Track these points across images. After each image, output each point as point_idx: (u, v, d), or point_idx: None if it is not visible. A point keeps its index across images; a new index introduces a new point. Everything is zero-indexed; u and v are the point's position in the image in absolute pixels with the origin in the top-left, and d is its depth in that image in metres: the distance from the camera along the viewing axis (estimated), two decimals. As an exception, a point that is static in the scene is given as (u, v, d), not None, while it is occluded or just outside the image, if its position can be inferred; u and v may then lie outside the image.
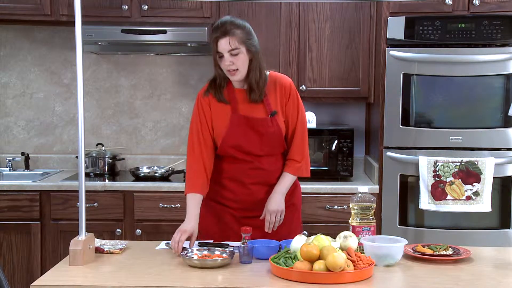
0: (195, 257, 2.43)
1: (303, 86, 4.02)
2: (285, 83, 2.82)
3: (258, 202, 2.83)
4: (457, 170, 3.64)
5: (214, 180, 2.86)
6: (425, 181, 3.65)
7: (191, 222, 2.68)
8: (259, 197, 2.84)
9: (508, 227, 3.72)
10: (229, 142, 2.79)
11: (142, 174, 4.07)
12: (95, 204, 3.81)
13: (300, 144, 2.85)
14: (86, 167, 4.16)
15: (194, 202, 2.75)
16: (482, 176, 3.63)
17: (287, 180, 2.85)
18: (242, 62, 2.71)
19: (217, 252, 2.48)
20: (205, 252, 2.48)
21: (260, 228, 2.81)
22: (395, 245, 2.42)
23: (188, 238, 2.63)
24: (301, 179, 2.99)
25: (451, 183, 3.64)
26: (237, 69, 2.71)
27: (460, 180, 3.64)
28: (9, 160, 4.35)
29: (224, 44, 2.68)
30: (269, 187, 2.85)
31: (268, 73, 2.84)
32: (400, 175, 3.74)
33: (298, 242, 2.36)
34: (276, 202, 2.79)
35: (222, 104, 2.80)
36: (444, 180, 3.64)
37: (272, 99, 2.80)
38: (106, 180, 4.04)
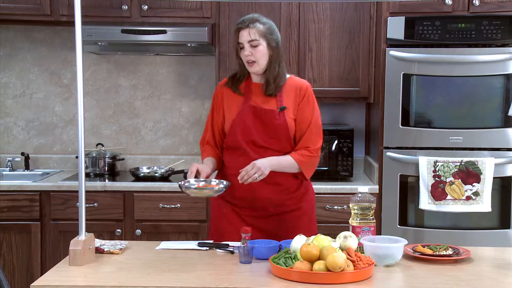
0: (193, 186, 2.65)
1: (303, 86, 4.01)
2: (301, 85, 2.87)
3: (260, 201, 2.81)
4: (457, 170, 3.64)
5: (222, 175, 2.92)
6: (425, 181, 3.65)
7: (203, 164, 2.85)
8: (261, 195, 2.83)
9: (508, 227, 3.72)
10: (234, 129, 2.85)
11: (142, 174, 4.07)
12: (95, 204, 3.81)
13: (315, 137, 2.84)
14: (86, 167, 4.16)
15: (208, 160, 2.89)
16: (482, 176, 3.63)
17: (285, 159, 2.80)
18: (261, 54, 2.79)
19: (213, 183, 2.69)
20: (202, 183, 2.68)
21: (262, 229, 2.81)
22: (395, 245, 2.42)
23: (198, 174, 2.76)
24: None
25: (451, 183, 3.64)
26: (255, 61, 2.80)
27: (460, 180, 3.64)
28: (9, 160, 4.35)
29: (244, 35, 2.79)
30: (273, 186, 2.82)
31: (288, 76, 2.89)
32: (400, 175, 3.74)
33: (298, 242, 2.36)
34: (264, 163, 2.71)
35: (236, 95, 2.88)
36: (444, 180, 3.64)
37: (285, 97, 2.84)
38: (106, 180, 4.04)
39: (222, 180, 2.73)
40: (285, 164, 2.80)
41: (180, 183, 2.69)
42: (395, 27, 3.69)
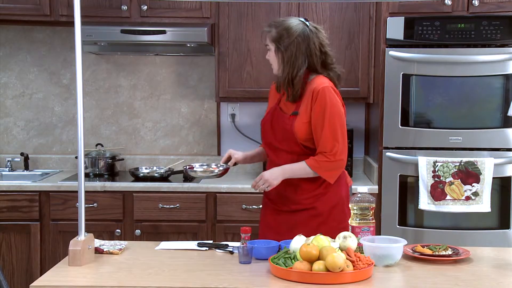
0: (198, 170, 3.08)
1: (303, 86, 4.01)
2: (315, 88, 2.82)
3: (280, 196, 2.92)
4: (456, 170, 3.64)
5: None
6: (425, 181, 3.65)
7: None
8: (280, 192, 2.90)
9: (508, 227, 3.72)
10: (261, 129, 3.04)
11: (142, 175, 4.07)
12: (95, 204, 3.81)
13: (330, 142, 2.79)
14: (86, 168, 4.16)
15: (256, 149, 3.13)
16: (481, 177, 3.63)
17: (298, 166, 2.84)
18: (272, 58, 2.91)
19: (213, 166, 3.07)
20: (204, 167, 3.10)
21: (286, 223, 2.89)
22: (394, 246, 2.42)
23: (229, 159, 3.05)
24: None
25: (451, 183, 3.64)
26: (272, 64, 2.93)
27: (459, 180, 3.64)
28: (8, 161, 4.35)
29: None
30: (292, 185, 2.88)
31: (313, 77, 2.87)
32: (400, 175, 3.74)
33: (298, 242, 2.36)
34: (272, 174, 2.85)
35: (277, 93, 3.00)
36: (443, 180, 3.64)
37: (303, 101, 2.85)
38: (106, 181, 4.04)
39: (223, 164, 3.04)
40: (298, 171, 2.84)
41: (184, 167, 3.10)
42: (395, 27, 3.69)
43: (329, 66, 2.91)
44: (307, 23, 2.89)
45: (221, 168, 3.02)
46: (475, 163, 3.64)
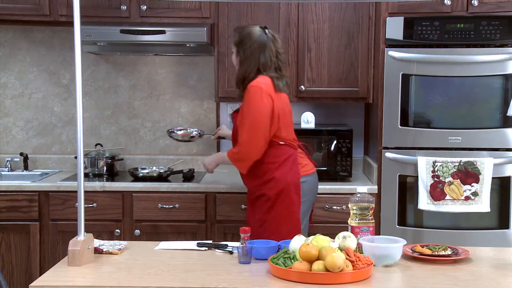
0: (177, 132, 3.90)
1: (302, 86, 4.02)
2: (248, 86, 3.15)
3: (246, 186, 3.34)
4: (456, 170, 3.64)
5: None
6: (424, 181, 3.65)
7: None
8: (244, 181, 3.33)
9: (507, 227, 3.72)
10: None
11: (141, 175, 4.07)
12: (94, 204, 3.81)
13: (242, 131, 3.13)
14: (85, 168, 4.15)
15: None
16: (481, 177, 3.63)
17: (224, 153, 3.34)
18: (234, 60, 3.31)
19: (190, 130, 3.90)
20: (184, 131, 3.89)
21: (250, 210, 3.28)
22: (394, 246, 2.42)
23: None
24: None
25: (450, 183, 3.64)
26: (234, 65, 3.31)
27: (459, 180, 3.64)
28: (8, 161, 4.35)
29: None
30: (247, 174, 3.22)
31: (256, 78, 3.18)
32: (399, 175, 3.74)
33: (297, 242, 2.36)
34: (208, 159, 3.53)
35: None
36: (443, 180, 3.64)
37: None
38: (105, 181, 4.04)
39: (198, 129, 3.94)
40: (223, 159, 3.35)
41: (167, 130, 3.89)
42: (394, 28, 3.69)
43: (280, 72, 3.22)
44: (266, 30, 3.20)
45: (195, 133, 3.87)
46: (475, 163, 3.64)
